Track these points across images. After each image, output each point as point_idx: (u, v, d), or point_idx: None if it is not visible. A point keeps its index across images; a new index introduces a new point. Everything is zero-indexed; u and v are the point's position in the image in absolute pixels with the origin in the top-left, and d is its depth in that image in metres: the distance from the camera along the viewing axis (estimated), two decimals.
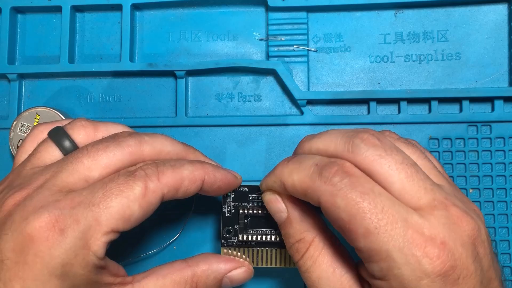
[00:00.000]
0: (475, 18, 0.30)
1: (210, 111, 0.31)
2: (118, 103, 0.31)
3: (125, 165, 0.22)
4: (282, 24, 0.31)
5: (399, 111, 0.30)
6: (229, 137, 0.30)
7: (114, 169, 0.22)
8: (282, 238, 0.24)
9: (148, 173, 0.21)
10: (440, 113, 0.30)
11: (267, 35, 0.31)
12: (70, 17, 0.31)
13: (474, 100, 0.29)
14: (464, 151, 0.29)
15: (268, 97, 0.31)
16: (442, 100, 0.30)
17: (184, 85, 0.31)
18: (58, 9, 0.31)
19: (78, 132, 0.24)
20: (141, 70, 0.31)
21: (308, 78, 0.31)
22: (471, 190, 0.29)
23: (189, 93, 0.31)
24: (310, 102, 0.30)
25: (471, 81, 0.30)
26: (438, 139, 0.30)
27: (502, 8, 0.30)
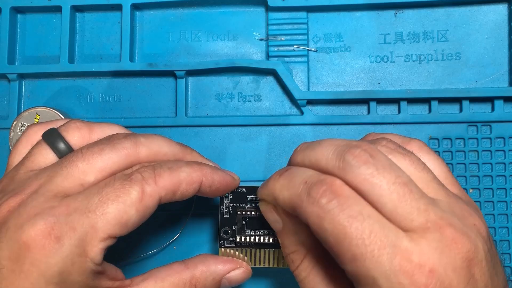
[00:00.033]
0: (475, 18, 0.30)
1: (210, 111, 0.31)
2: (118, 103, 0.31)
3: (121, 168, 0.22)
4: (282, 24, 0.31)
5: (399, 111, 0.30)
6: (229, 137, 0.30)
7: (110, 172, 0.21)
8: None
9: (144, 176, 0.21)
10: (440, 113, 0.30)
11: (267, 35, 0.31)
12: (70, 17, 0.31)
13: (474, 100, 0.29)
14: (464, 151, 0.29)
15: (268, 97, 0.31)
16: (442, 100, 0.30)
17: (184, 85, 0.31)
18: (58, 9, 0.31)
19: (73, 134, 0.23)
20: (141, 70, 0.31)
21: (308, 78, 0.31)
22: (471, 190, 0.29)
23: (189, 93, 0.31)
24: (310, 102, 0.30)
25: (471, 81, 0.30)
26: (438, 139, 0.30)
27: (502, 8, 0.30)
